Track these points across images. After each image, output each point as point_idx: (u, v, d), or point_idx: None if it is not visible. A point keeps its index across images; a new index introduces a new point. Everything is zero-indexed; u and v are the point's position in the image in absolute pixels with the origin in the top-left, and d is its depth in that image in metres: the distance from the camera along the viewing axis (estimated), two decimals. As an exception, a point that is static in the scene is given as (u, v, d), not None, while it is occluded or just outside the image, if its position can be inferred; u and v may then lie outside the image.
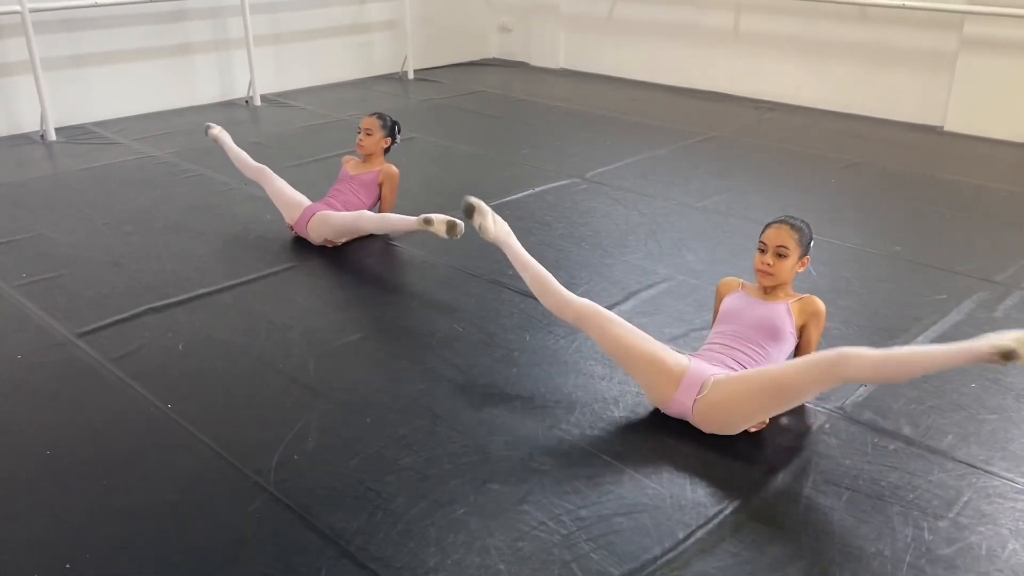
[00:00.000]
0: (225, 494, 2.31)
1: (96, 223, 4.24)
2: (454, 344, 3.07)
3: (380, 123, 4.00)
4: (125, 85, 6.25)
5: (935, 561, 2.05)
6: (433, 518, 2.19)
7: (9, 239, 4.02)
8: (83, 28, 5.97)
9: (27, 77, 5.64)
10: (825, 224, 3.95)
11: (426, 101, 6.87)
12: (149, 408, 2.70)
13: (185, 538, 2.16)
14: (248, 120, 6.30)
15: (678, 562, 2.06)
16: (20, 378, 2.90)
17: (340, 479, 2.35)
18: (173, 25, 6.38)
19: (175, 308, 3.35)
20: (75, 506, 2.28)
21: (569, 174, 4.93)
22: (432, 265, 3.78)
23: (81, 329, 3.17)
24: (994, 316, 3.25)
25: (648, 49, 7.43)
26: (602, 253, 3.85)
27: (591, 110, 6.52)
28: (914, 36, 6.00)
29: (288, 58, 7.07)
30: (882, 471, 2.38)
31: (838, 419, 2.62)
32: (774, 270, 2.61)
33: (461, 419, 2.62)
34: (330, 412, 2.67)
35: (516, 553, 2.08)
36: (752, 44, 6.83)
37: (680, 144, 5.60)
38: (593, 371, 2.88)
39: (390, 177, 3.98)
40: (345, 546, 2.11)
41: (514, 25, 8.32)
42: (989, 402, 2.70)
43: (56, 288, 3.52)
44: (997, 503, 2.25)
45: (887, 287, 3.53)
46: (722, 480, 2.35)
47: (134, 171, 5.06)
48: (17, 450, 2.53)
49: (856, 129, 5.98)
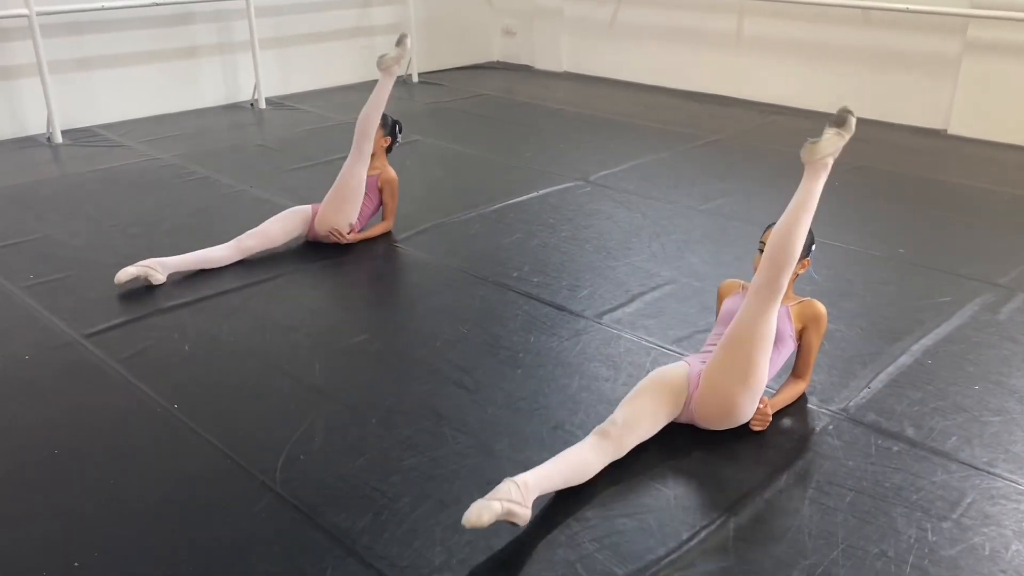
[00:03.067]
0: (231, 494, 2.32)
1: (102, 225, 4.26)
2: (459, 346, 3.08)
3: (381, 122, 4.02)
4: (131, 88, 6.27)
5: (938, 562, 2.06)
6: (438, 518, 2.20)
7: (16, 241, 4.05)
8: (89, 31, 6.00)
9: (34, 80, 5.67)
10: (829, 227, 3.95)
11: (430, 104, 6.89)
12: (156, 408, 2.71)
13: (192, 537, 2.17)
14: (253, 123, 6.32)
15: (682, 562, 2.06)
16: (28, 378, 2.92)
17: (346, 479, 2.36)
18: (179, 28, 6.41)
19: (181, 309, 3.36)
20: (82, 505, 2.29)
21: (573, 177, 4.95)
22: (437, 267, 3.79)
23: (88, 330, 3.19)
24: (998, 319, 3.26)
25: (651, 52, 7.44)
26: (606, 255, 3.86)
27: (594, 113, 6.53)
28: (918, 40, 6.00)
29: (292, 61, 7.10)
30: (885, 472, 2.38)
31: (841, 421, 2.62)
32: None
33: (466, 420, 2.63)
34: (336, 413, 2.68)
35: (520, 553, 2.09)
36: (755, 48, 6.84)
37: (683, 147, 5.61)
38: (597, 373, 2.89)
39: (389, 183, 3.99)
40: (351, 545, 2.12)
41: (518, 28, 8.33)
42: (992, 404, 2.71)
43: (63, 289, 3.54)
44: (1000, 504, 2.26)
45: (890, 290, 3.54)
46: (726, 481, 2.36)
47: (140, 173, 5.08)
48: (25, 449, 2.54)
49: (859, 132, 5.85)
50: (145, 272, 3.50)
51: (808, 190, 2.44)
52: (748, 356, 2.45)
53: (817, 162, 2.44)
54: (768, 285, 2.43)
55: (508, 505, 2.06)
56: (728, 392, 2.47)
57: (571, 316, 3.29)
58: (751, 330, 2.44)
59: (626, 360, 2.97)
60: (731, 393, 2.47)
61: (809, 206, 2.44)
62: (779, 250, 2.42)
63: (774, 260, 2.42)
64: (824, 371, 2.87)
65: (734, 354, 2.45)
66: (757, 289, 2.45)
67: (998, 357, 2.99)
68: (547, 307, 3.36)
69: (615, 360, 2.97)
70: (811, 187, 2.44)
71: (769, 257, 2.44)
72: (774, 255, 2.42)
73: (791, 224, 2.42)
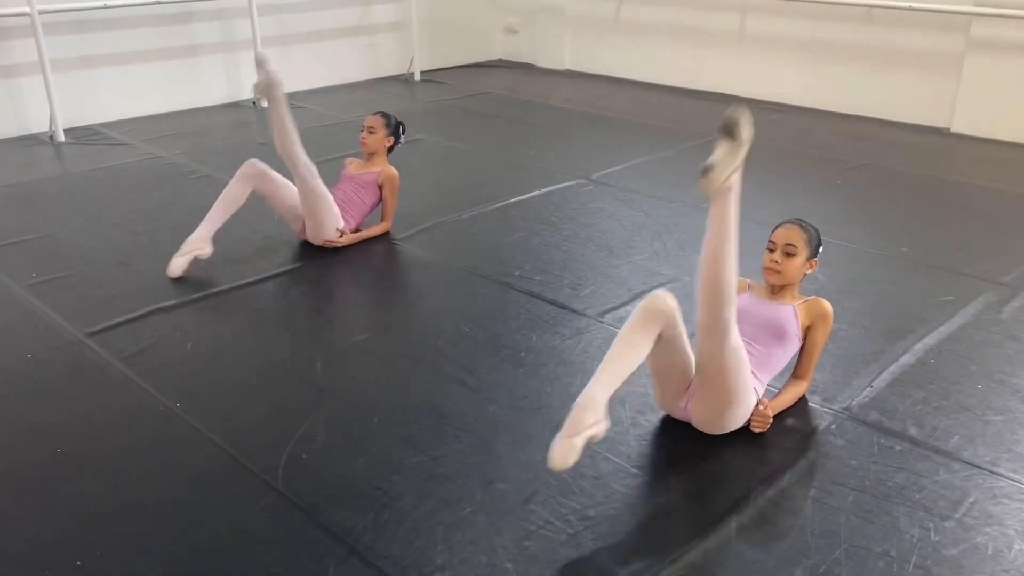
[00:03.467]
0: (233, 492, 2.32)
1: (105, 223, 4.27)
2: (461, 344, 3.08)
3: (384, 121, 4.01)
4: (133, 86, 6.28)
5: (941, 562, 2.06)
6: (440, 516, 2.20)
7: (18, 239, 4.05)
8: (92, 30, 6.00)
9: (36, 78, 5.67)
10: (831, 225, 3.94)
11: (432, 102, 6.89)
12: (158, 407, 2.71)
13: (194, 536, 2.17)
14: (255, 121, 6.32)
15: (684, 561, 2.06)
16: (30, 377, 2.92)
17: (348, 478, 2.36)
18: (181, 27, 6.41)
19: (183, 308, 3.36)
20: (85, 504, 2.29)
21: (575, 175, 4.94)
22: (438, 266, 3.79)
23: (90, 328, 3.19)
24: (1000, 318, 3.25)
25: (654, 50, 7.43)
26: (608, 254, 3.86)
27: (597, 111, 6.53)
28: (921, 38, 5.99)
29: (295, 60, 7.09)
30: (888, 472, 2.38)
31: (844, 420, 2.62)
32: (782, 267, 2.61)
33: (467, 419, 2.63)
34: (338, 411, 2.68)
35: (523, 552, 2.09)
36: (758, 46, 6.83)
37: (686, 145, 5.60)
38: (599, 371, 2.89)
39: (390, 179, 3.98)
40: (353, 544, 2.12)
41: (520, 26, 8.33)
42: (995, 403, 2.70)
43: (65, 288, 3.54)
44: (1004, 504, 2.26)
45: (893, 288, 3.53)
46: (728, 480, 2.36)
47: (142, 172, 5.09)
48: (27, 448, 2.54)
49: (862, 131, 5.97)
50: (193, 256, 3.62)
51: (720, 218, 2.20)
52: (725, 387, 2.40)
53: (721, 189, 2.18)
54: (715, 324, 2.28)
55: (588, 434, 2.02)
56: (717, 413, 2.47)
57: (573, 315, 3.29)
58: (718, 367, 2.36)
59: (628, 359, 2.96)
60: (720, 413, 2.47)
61: (728, 233, 2.20)
62: (712, 287, 2.24)
63: (711, 298, 2.25)
64: (827, 370, 2.87)
65: (711, 387, 2.42)
66: (706, 329, 2.32)
67: (1001, 356, 2.98)
68: (549, 306, 3.36)
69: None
70: (722, 215, 2.20)
71: (705, 298, 2.26)
72: (708, 294, 2.25)
73: (716, 257, 2.21)
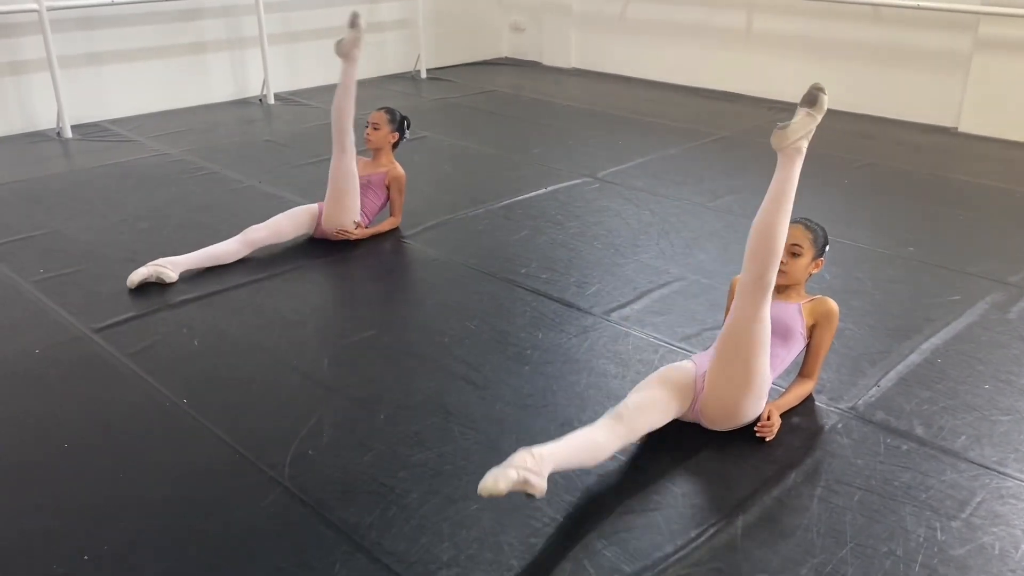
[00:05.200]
0: (240, 488, 2.33)
1: (111, 220, 4.28)
2: (466, 342, 3.08)
3: (388, 117, 4.01)
4: (140, 83, 6.29)
5: (947, 561, 2.05)
6: (446, 513, 2.21)
7: (26, 235, 4.06)
8: (99, 26, 6.01)
9: (44, 75, 5.68)
10: (838, 225, 3.93)
11: (438, 100, 6.89)
12: (165, 403, 2.72)
13: (200, 531, 2.18)
14: (262, 118, 6.33)
15: (690, 560, 2.06)
16: (38, 372, 2.93)
17: (354, 474, 2.37)
18: (188, 24, 6.42)
19: (190, 304, 3.37)
20: (92, 498, 2.30)
21: (581, 173, 4.94)
22: (444, 263, 3.79)
23: (97, 324, 3.20)
24: (1007, 317, 3.25)
25: (660, 49, 7.42)
26: (614, 252, 3.85)
27: (603, 110, 6.52)
28: (928, 37, 5.98)
29: (301, 57, 7.10)
30: (894, 471, 2.38)
31: (850, 419, 2.62)
32: (787, 268, 2.61)
33: (473, 416, 2.63)
34: (344, 408, 2.69)
35: (529, 549, 2.09)
36: (765, 44, 6.82)
37: (692, 144, 5.60)
38: (605, 369, 2.89)
39: (396, 179, 3.98)
40: (359, 540, 2.12)
41: (526, 24, 8.32)
42: (1002, 403, 2.70)
43: (72, 284, 3.55)
44: (1010, 504, 2.25)
45: (900, 288, 3.53)
46: (734, 479, 2.36)
47: (149, 168, 5.09)
48: (35, 443, 2.55)
49: (869, 130, 5.96)
50: (156, 272, 3.49)
51: (783, 179, 2.30)
52: (746, 362, 2.41)
53: (789, 147, 2.28)
54: (755, 282, 2.35)
55: (524, 473, 1.97)
56: (731, 397, 2.46)
57: (579, 313, 3.29)
58: (746, 334, 2.39)
59: (634, 357, 2.97)
60: (734, 398, 2.46)
61: (787, 195, 2.30)
62: (762, 245, 2.33)
63: (758, 256, 2.33)
64: (833, 369, 2.86)
65: (732, 360, 2.42)
66: (745, 288, 2.38)
67: (1008, 356, 2.97)
68: (555, 304, 3.36)
69: (623, 357, 2.97)
70: (786, 175, 2.30)
71: (752, 253, 2.35)
72: (757, 250, 2.33)
73: (771, 216, 2.31)
